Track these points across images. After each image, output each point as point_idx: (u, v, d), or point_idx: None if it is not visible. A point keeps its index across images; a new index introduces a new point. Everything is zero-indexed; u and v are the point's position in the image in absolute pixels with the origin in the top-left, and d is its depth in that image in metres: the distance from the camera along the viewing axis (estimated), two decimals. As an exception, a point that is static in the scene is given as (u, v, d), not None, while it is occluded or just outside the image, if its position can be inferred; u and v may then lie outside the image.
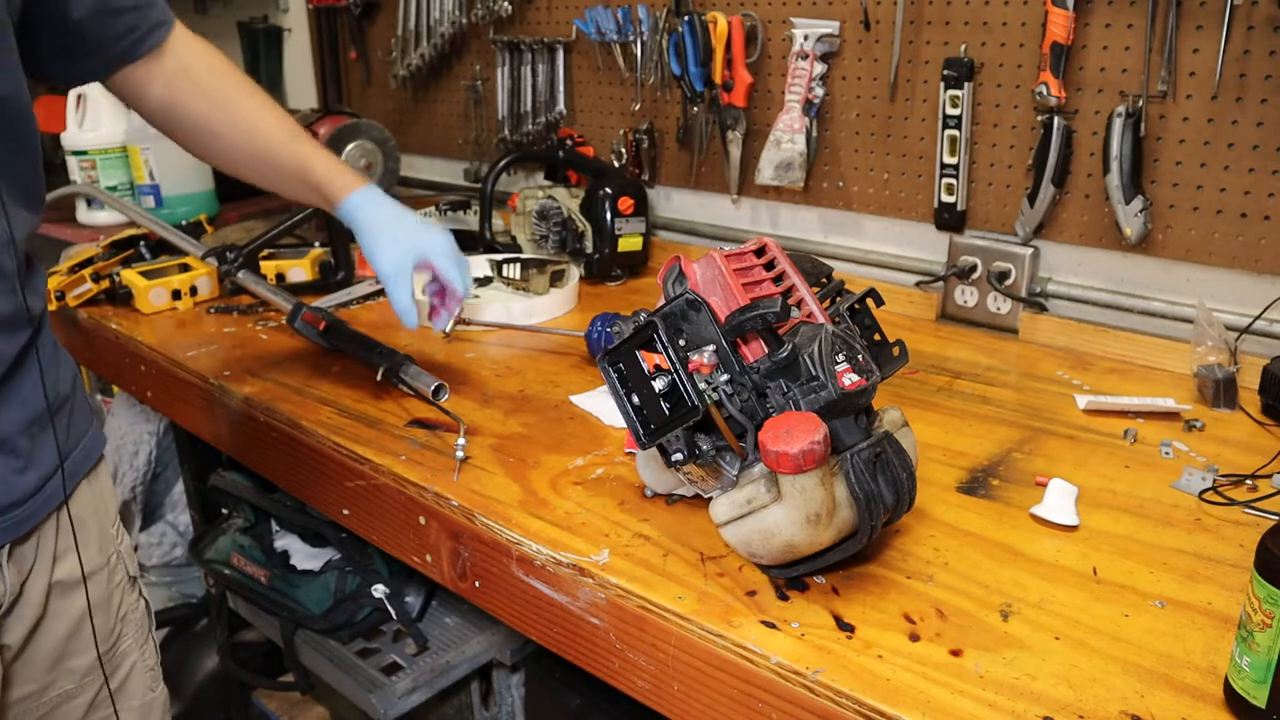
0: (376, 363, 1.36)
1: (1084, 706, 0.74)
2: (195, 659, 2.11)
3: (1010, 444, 1.18)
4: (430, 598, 1.57)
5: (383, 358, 1.36)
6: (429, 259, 1.24)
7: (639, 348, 0.88)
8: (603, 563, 0.94)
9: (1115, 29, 1.38)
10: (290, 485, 1.38)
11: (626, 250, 1.84)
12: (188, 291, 1.71)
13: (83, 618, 1.07)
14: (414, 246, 1.23)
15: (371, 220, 1.23)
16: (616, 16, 1.94)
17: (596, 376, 1.38)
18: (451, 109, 2.44)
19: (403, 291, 1.22)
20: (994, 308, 1.58)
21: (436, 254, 1.24)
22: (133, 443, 2.15)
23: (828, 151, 1.74)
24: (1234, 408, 1.26)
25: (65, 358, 1.04)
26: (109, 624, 1.11)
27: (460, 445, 1.15)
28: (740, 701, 0.83)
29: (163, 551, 2.23)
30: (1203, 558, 0.94)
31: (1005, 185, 1.55)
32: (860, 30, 1.63)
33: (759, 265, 0.98)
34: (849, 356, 0.88)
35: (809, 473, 0.80)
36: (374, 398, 1.33)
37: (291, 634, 1.55)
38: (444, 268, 1.24)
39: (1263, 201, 1.31)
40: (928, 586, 0.90)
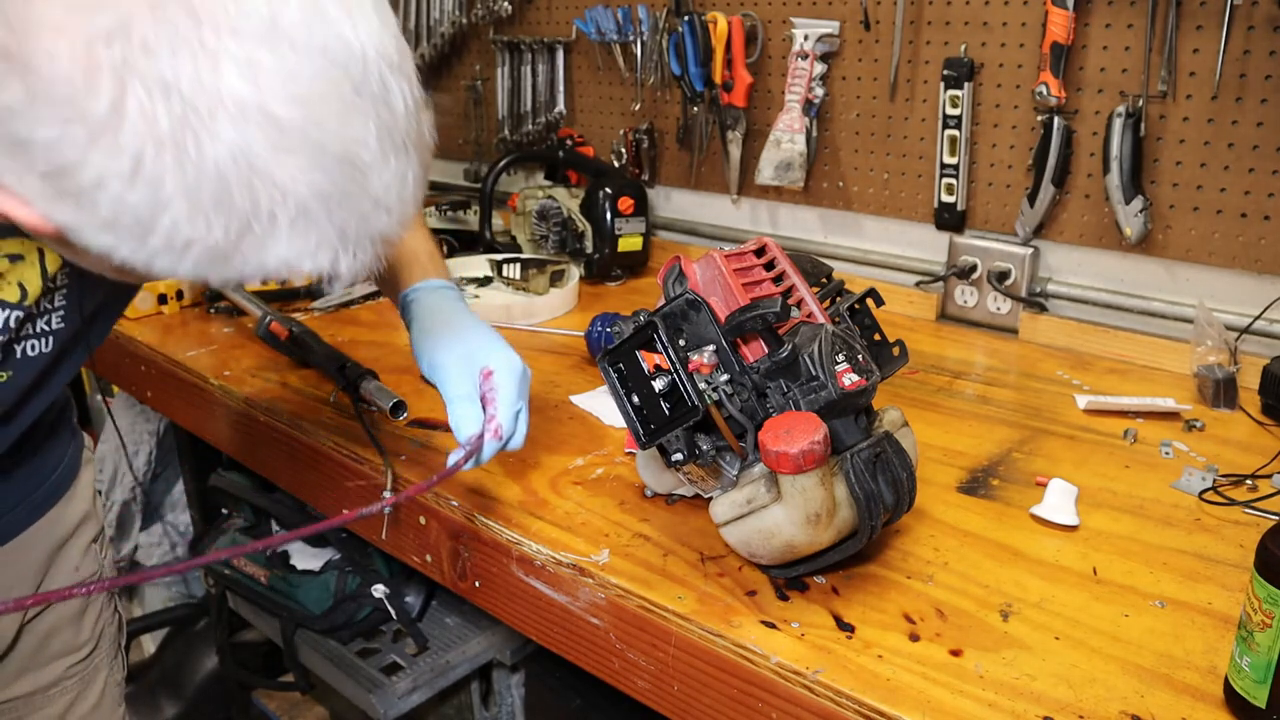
0: (337, 379, 1.30)
1: (1084, 706, 0.74)
2: (195, 659, 2.10)
3: (1010, 444, 1.18)
4: (430, 598, 1.56)
5: (342, 372, 1.30)
6: (493, 368, 0.95)
7: (639, 348, 0.88)
8: (603, 563, 0.94)
9: (1115, 29, 1.38)
10: (290, 485, 1.38)
11: (626, 250, 1.84)
12: (174, 295, 1.70)
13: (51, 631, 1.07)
14: (475, 353, 0.97)
15: (431, 309, 1.01)
16: (616, 16, 1.94)
17: (596, 376, 1.38)
18: (451, 109, 2.44)
19: (458, 390, 0.94)
20: (994, 308, 1.58)
21: (504, 372, 0.95)
22: (133, 443, 2.15)
23: (828, 151, 1.74)
24: (1234, 408, 1.25)
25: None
26: (82, 635, 1.11)
27: (385, 496, 1.03)
28: (740, 701, 0.83)
29: (163, 552, 2.23)
30: (1203, 558, 0.94)
31: (1005, 185, 1.55)
32: (860, 30, 1.63)
33: (759, 265, 0.98)
34: (849, 356, 0.88)
35: (809, 473, 0.80)
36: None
37: (291, 634, 1.55)
38: (503, 388, 0.94)
39: (1263, 201, 1.31)
40: (928, 586, 0.90)
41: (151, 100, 0.51)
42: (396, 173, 0.59)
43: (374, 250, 0.61)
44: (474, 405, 0.93)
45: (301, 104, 0.54)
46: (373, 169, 0.58)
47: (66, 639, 1.09)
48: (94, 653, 1.13)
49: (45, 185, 0.53)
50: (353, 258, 0.60)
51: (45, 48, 0.50)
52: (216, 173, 0.53)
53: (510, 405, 0.94)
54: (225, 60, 0.51)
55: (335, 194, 0.57)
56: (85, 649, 1.12)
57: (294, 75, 0.53)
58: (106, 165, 0.52)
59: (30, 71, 0.51)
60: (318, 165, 0.55)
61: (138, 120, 0.51)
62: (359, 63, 0.56)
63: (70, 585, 1.02)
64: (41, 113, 0.51)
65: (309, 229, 0.57)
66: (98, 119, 0.51)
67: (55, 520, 1.07)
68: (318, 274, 0.60)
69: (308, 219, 0.57)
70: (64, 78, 0.50)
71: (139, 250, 0.56)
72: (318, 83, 0.54)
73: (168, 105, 0.51)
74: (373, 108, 0.57)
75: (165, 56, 0.50)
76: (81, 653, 1.11)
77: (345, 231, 0.59)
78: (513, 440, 0.95)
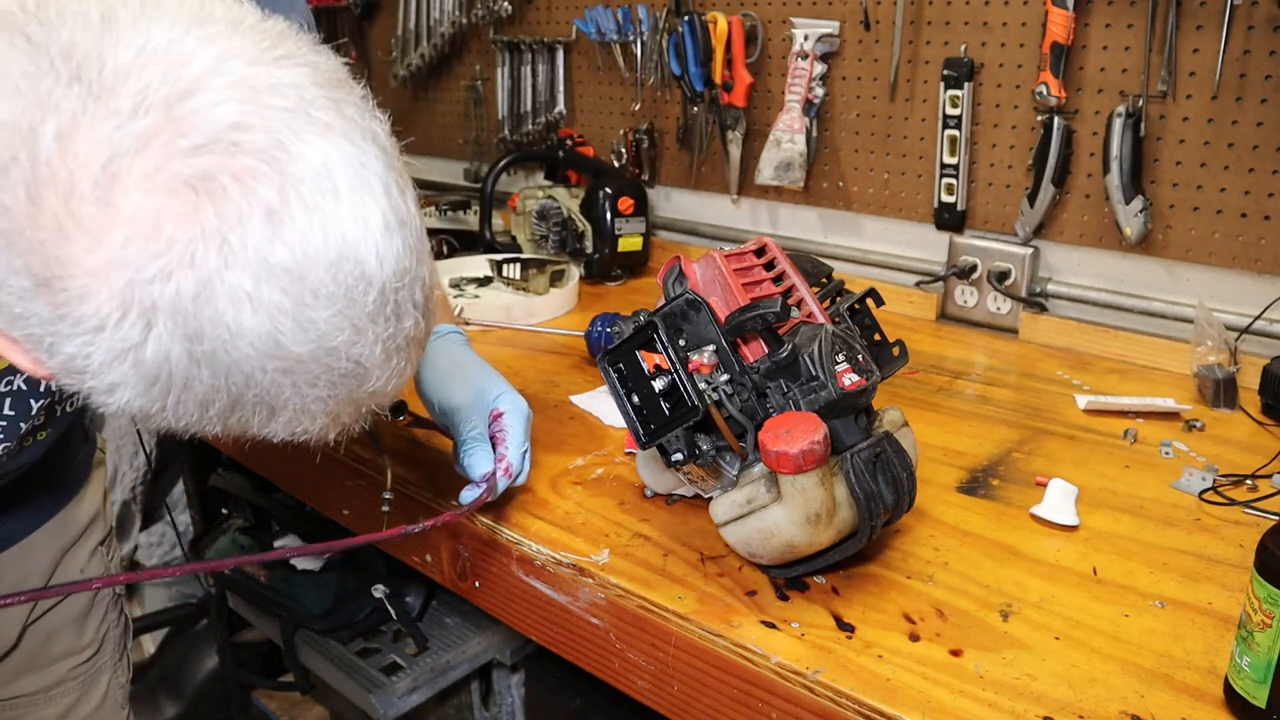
0: None
1: (1084, 706, 0.74)
2: (195, 659, 2.10)
3: (1010, 444, 1.18)
4: (430, 598, 1.56)
5: None
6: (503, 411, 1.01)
7: (639, 348, 0.88)
8: (603, 563, 0.94)
9: (1115, 29, 1.38)
10: (290, 485, 1.38)
11: (626, 250, 1.84)
12: None
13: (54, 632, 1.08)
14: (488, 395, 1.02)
15: (443, 352, 1.07)
16: (616, 16, 1.94)
17: (596, 376, 1.38)
18: (451, 109, 2.44)
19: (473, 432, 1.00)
20: (994, 308, 1.58)
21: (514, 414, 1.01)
22: (133, 443, 2.15)
23: (828, 151, 1.74)
24: (1234, 408, 1.25)
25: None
26: (85, 638, 1.11)
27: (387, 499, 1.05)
28: (740, 701, 0.83)
29: (163, 552, 2.23)
30: (1203, 558, 0.94)
31: (1005, 185, 1.55)
32: (860, 30, 1.63)
33: (759, 265, 0.98)
34: (849, 356, 0.88)
35: (809, 473, 0.80)
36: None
37: (291, 634, 1.55)
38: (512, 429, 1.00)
39: (1263, 201, 1.31)
40: (928, 586, 0.90)
41: (173, 338, 0.52)
42: (396, 369, 0.61)
43: (363, 420, 0.65)
44: (486, 445, 0.99)
45: (315, 341, 0.55)
46: (374, 372, 0.60)
47: (69, 641, 1.10)
48: (97, 655, 1.13)
49: (61, 370, 0.55)
50: (341, 428, 0.63)
51: (79, 284, 0.51)
52: (225, 391, 0.55)
53: (519, 445, 1.00)
54: (247, 304, 0.53)
55: (335, 396, 0.59)
56: (88, 651, 1.12)
57: (313, 319, 0.55)
58: (122, 379, 0.54)
59: (61, 301, 0.51)
60: (322, 379, 0.57)
61: (158, 351, 0.53)
62: (377, 295, 0.57)
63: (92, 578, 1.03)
64: (65, 331, 0.52)
65: (304, 419, 0.60)
66: (122, 349, 0.52)
67: (65, 522, 1.07)
68: (308, 439, 0.63)
69: (305, 414, 0.59)
70: (94, 313, 0.51)
71: (143, 422, 0.59)
72: (334, 322, 0.55)
73: (188, 344, 0.53)
74: (383, 327, 0.58)
75: (193, 302, 0.52)
76: (84, 654, 1.11)
77: (339, 416, 0.62)
78: (520, 477, 1.01)
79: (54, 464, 1.05)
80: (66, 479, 1.08)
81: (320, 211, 0.54)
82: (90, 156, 0.50)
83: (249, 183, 0.51)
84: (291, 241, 0.53)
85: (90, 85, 0.50)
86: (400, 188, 0.58)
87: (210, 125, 0.51)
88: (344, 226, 0.54)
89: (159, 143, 0.50)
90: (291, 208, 0.53)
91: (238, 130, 0.52)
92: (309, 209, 0.53)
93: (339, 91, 0.57)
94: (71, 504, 1.08)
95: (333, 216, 0.54)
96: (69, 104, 0.50)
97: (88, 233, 0.50)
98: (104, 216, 0.50)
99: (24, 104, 0.50)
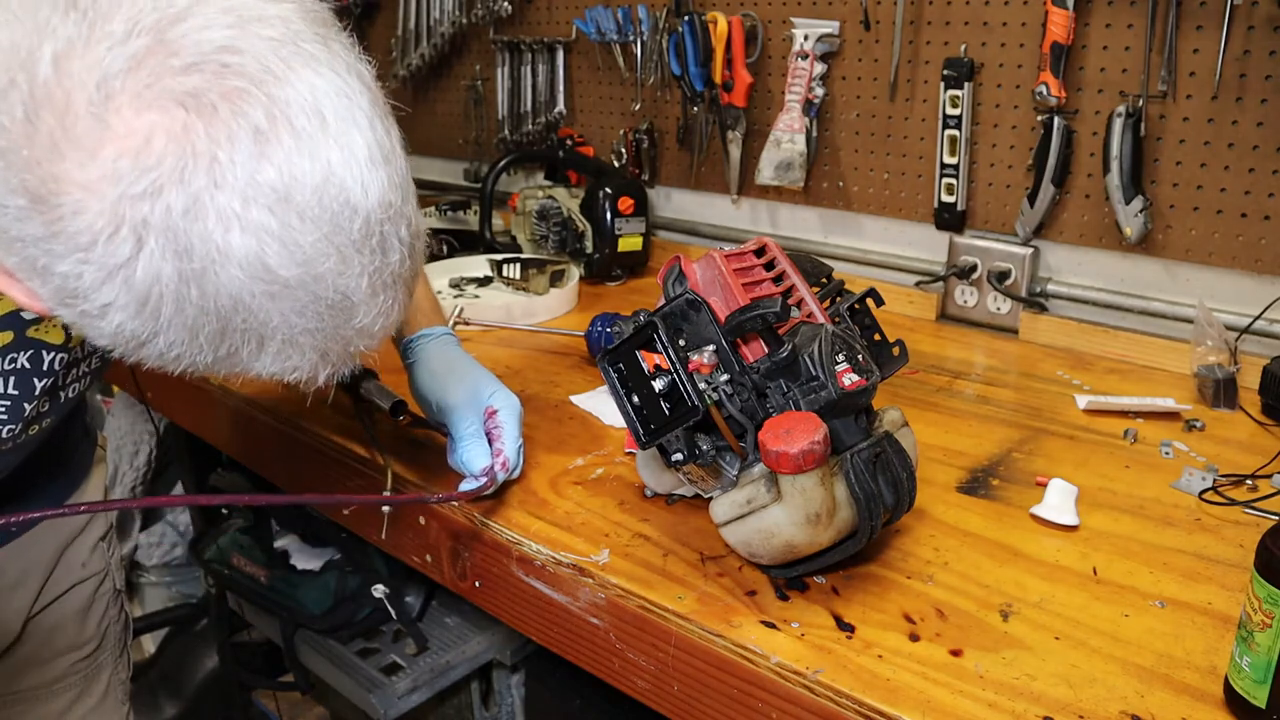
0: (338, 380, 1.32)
1: (1084, 706, 0.74)
2: (195, 659, 2.11)
3: (1010, 444, 1.18)
4: (430, 598, 1.57)
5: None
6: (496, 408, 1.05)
7: (639, 348, 0.88)
8: (603, 563, 0.94)
9: (1115, 29, 1.38)
10: (290, 485, 1.38)
11: (626, 250, 1.84)
12: None
13: (56, 626, 1.08)
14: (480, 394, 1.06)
15: (434, 355, 1.11)
16: (616, 16, 1.94)
17: (596, 376, 1.38)
18: (451, 109, 2.44)
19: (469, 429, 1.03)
20: (994, 308, 1.58)
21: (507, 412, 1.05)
22: (133, 443, 2.15)
23: (828, 151, 1.74)
24: (1234, 408, 1.25)
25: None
26: (87, 632, 1.12)
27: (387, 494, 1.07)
28: (740, 701, 0.83)
29: (163, 551, 2.23)
30: (1203, 558, 0.94)
31: (1005, 185, 1.55)
32: (860, 30, 1.63)
33: (759, 265, 0.98)
34: (849, 356, 0.88)
35: (809, 473, 0.80)
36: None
37: (291, 634, 1.55)
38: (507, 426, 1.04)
39: (1263, 201, 1.31)
40: (928, 586, 0.90)
41: (164, 255, 0.54)
42: (382, 306, 0.62)
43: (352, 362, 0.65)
44: (482, 442, 1.03)
45: (302, 265, 0.57)
46: (361, 307, 0.61)
47: (71, 635, 1.10)
48: (98, 650, 1.14)
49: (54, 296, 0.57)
50: (330, 369, 0.64)
51: (72, 201, 0.53)
52: (215, 313, 0.57)
53: (514, 441, 1.04)
54: (235, 224, 0.54)
55: (322, 329, 0.60)
56: (89, 646, 1.12)
57: (298, 242, 0.56)
58: (114, 299, 0.55)
59: (55, 218, 0.53)
60: (310, 309, 0.59)
61: (149, 270, 0.54)
62: (362, 224, 0.58)
63: (112, 500, 1.05)
64: (58, 249, 0.54)
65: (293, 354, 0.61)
66: (113, 265, 0.54)
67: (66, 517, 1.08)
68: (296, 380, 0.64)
69: (293, 347, 0.60)
70: (86, 229, 0.53)
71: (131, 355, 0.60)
72: (320, 246, 0.57)
73: (178, 261, 0.54)
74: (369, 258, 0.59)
75: (183, 219, 0.53)
76: (85, 650, 1.12)
77: (327, 354, 0.63)
78: (515, 471, 1.05)
79: (56, 459, 1.05)
80: (68, 474, 1.08)
81: (307, 136, 0.55)
82: (85, 77, 0.52)
83: (238, 103, 0.53)
84: (279, 162, 0.54)
85: (85, 12, 0.52)
86: (385, 126, 0.60)
87: (200, 46, 0.53)
88: (330, 154, 0.56)
89: (151, 63, 0.52)
90: (279, 130, 0.54)
91: (227, 53, 0.53)
92: (296, 133, 0.55)
93: (326, 29, 0.59)
94: (73, 499, 1.08)
95: (319, 143, 0.56)
96: (65, 30, 0.52)
97: (81, 148, 0.52)
98: (97, 133, 0.52)
99: (23, 30, 0.52)
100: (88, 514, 1.12)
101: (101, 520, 1.15)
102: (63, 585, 1.09)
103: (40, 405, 0.86)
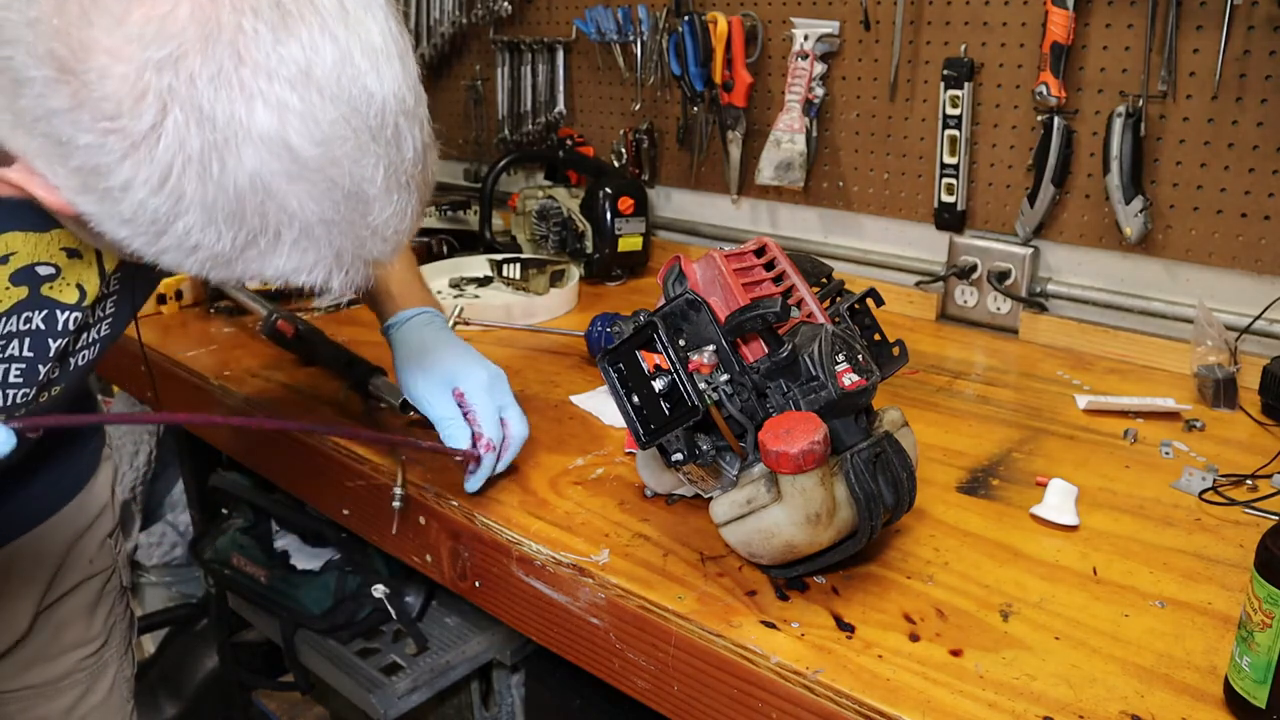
0: (345, 375, 1.32)
1: (1084, 706, 0.74)
2: (195, 659, 2.10)
3: (1010, 444, 1.18)
4: (430, 598, 1.56)
5: (350, 369, 1.31)
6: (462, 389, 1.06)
7: (639, 348, 0.88)
8: (603, 563, 0.94)
9: (1115, 29, 1.38)
10: (290, 485, 1.38)
11: (626, 250, 1.84)
12: (173, 295, 1.70)
13: (63, 622, 1.08)
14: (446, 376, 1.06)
15: (405, 341, 1.10)
16: (616, 16, 1.94)
17: (596, 376, 1.38)
18: (451, 109, 2.44)
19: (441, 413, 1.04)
20: (994, 308, 1.58)
21: (471, 386, 1.05)
22: (133, 443, 2.15)
23: (828, 151, 1.74)
24: (1234, 408, 1.25)
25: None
26: (94, 629, 1.12)
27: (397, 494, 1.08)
28: (740, 702, 0.83)
29: (163, 551, 2.23)
30: (1203, 558, 0.94)
31: (1005, 185, 1.55)
32: (860, 30, 1.63)
33: (759, 265, 0.98)
34: (849, 356, 0.88)
35: (809, 473, 0.80)
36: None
37: (291, 634, 1.55)
38: (476, 403, 1.04)
39: (1263, 201, 1.31)
40: (928, 586, 0.90)
41: (188, 125, 0.56)
42: (397, 207, 0.64)
43: (366, 271, 0.67)
44: (460, 424, 1.03)
45: (321, 144, 0.59)
46: (376, 202, 0.63)
47: (78, 632, 1.10)
48: (104, 647, 1.14)
49: (75, 179, 0.58)
50: (345, 275, 0.65)
51: (99, 66, 0.54)
52: (234, 193, 0.58)
53: (489, 417, 1.03)
54: (258, 99, 0.56)
55: (338, 221, 0.62)
56: (96, 642, 1.13)
57: (318, 119, 0.58)
58: (136, 173, 0.56)
59: (81, 85, 0.55)
60: (326, 196, 0.60)
61: (172, 140, 0.56)
62: (378, 111, 0.61)
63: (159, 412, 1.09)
64: (84, 120, 0.55)
65: (309, 248, 0.62)
66: (137, 135, 0.55)
67: (76, 509, 1.09)
68: (310, 287, 0.65)
69: (309, 239, 0.62)
70: (112, 95, 0.55)
71: (150, 246, 0.60)
72: (338, 128, 0.59)
73: (201, 131, 0.56)
74: (384, 150, 0.62)
75: (207, 90, 0.55)
76: (92, 646, 1.12)
77: (341, 254, 0.64)
78: (511, 437, 1.04)
79: (67, 448, 1.06)
80: (79, 466, 1.09)
81: (329, 20, 0.58)
82: None
83: None
84: (303, 40, 0.57)
85: None
86: (400, 29, 0.63)
87: None
88: (349, 40, 0.59)
89: None
90: (303, 9, 0.57)
91: None
92: (319, 14, 0.58)
93: None
94: (83, 493, 1.09)
95: (340, 28, 0.59)
96: None
97: (109, 14, 0.54)
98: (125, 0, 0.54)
99: None
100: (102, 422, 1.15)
101: (109, 516, 1.15)
102: (71, 580, 1.10)
103: (52, 371, 0.86)
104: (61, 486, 1.07)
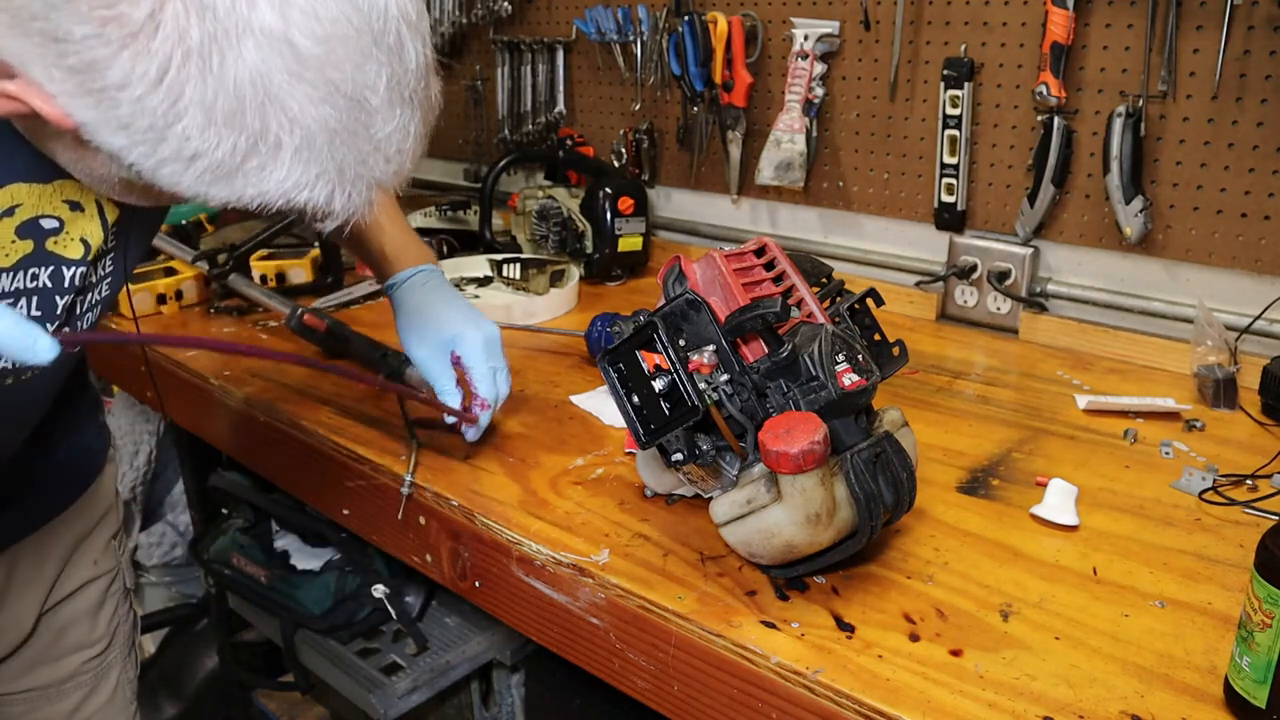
0: (379, 367, 1.35)
1: (1084, 706, 0.74)
2: (195, 659, 2.10)
3: (1010, 444, 1.18)
4: (430, 598, 1.56)
5: (385, 361, 1.35)
6: (459, 352, 1.10)
7: (639, 348, 0.88)
8: (603, 563, 0.94)
9: (1115, 29, 1.38)
10: (290, 485, 1.38)
11: (626, 250, 1.84)
12: (173, 295, 1.70)
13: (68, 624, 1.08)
14: (444, 339, 1.10)
15: (404, 303, 1.13)
16: (616, 16, 1.94)
17: (596, 376, 1.38)
18: (451, 109, 2.44)
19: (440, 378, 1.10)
20: (994, 308, 1.58)
21: (468, 349, 1.10)
22: (133, 443, 2.15)
23: (828, 151, 1.74)
24: (1234, 408, 1.25)
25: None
26: (98, 631, 1.12)
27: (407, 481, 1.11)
28: (740, 701, 0.83)
29: (163, 551, 2.23)
30: (1203, 558, 0.94)
31: (1005, 185, 1.55)
32: (860, 30, 1.63)
33: (759, 265, 0.98)
34: (849, 356, 0.88)
35: (809, 473, 0.80)
36: (374, 397, 1.33)
37: (291, 634, 1.55)
38: (472, 365, 1.10)
39: (1263, 201, 1.31)
40: (928, 586, 0.90)
41: (188, 15, 0.54)
42: (400, 122, 0.63)
43: (367, 194, 0.65)
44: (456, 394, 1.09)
45: (322, 42, 0.57)
46: (378, 114, 0.62)
47: (82, 633, 1.10)
48: (108, 649, 1.14)
49: (71, 80, 0.56)
50: (347, 196, 0.63)
51: None
52: (234, 90, 0.56)
53: (485, 378, 1.09)
54: None
55: (340, 131, 0.60)
56: (100, 645, 1.12)
57: (320, 16, 0.57)
58: (134, 67, 0.55)
59: None
60: (328, 100, 0.59)
61: (171, 30, 0.54)
62: (380, 16, 0.60)
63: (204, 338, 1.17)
64: (81, 9, 0.54)
65: (311, 160, 0.61)
66: (135, 23, 0.54)
67: (81, 509, 1.08)
68: (312, 207, 0.63)
69: (311, 150, 0.60)
70: None
71: (148, 156, 0.58)
72: (340, 26, 0.58)
73: (201, 22, 0.54)
74: (387, 58, 0.61)
75: None
76: (96, 648, 1.12)
77: (344, 169, 0.62)
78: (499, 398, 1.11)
79: (73, 448, 1.06)
80: (84, 467, 1.09)
81: None
82: None
83: None
84: None
85: None
86: None
87: None
88: None
89: None
90: None
91: None
92: None
93: None
94: (88, 494, 1.09)
95: None
96: None
97: None
98: None
99: None
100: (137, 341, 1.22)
101: (113, 518, 1.15)
102: (75, 582, 1.10)
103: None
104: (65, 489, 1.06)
